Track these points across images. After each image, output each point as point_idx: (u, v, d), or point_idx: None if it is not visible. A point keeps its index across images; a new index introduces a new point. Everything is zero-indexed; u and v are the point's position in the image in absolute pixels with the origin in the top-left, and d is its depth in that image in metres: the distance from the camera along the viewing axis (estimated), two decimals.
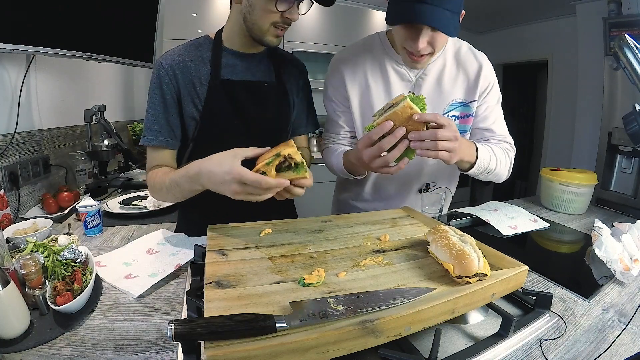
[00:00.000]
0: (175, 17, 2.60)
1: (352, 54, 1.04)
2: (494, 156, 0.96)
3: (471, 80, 1.00)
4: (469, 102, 1.01)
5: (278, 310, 0.52)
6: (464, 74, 1.00)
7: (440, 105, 1.01)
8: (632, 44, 0.84)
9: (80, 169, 1.64)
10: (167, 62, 0.88)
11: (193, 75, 0.90)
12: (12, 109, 1.28)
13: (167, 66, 0.88)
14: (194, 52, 0.92)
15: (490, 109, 1.03)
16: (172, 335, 0.42)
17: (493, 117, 1.05)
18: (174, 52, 0.91)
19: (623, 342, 0.61)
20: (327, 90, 1.09)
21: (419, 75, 1.01)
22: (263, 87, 0.98)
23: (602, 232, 0.92)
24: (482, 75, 0.99)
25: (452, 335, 0.61)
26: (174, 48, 0.92)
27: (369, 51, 1.02)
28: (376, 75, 1.01)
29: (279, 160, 0.68)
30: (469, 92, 1.00)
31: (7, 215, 1.09)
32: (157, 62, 0.90)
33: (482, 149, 0.93)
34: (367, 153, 0.79)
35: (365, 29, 3.23)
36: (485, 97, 1.02)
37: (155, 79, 0.89)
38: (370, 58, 1.01)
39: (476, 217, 1.19)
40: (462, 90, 1.01)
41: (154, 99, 0.89)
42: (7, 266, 0.68)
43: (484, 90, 1.01)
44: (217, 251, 0.70)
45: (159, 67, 0.89)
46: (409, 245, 0.76)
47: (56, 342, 0.60)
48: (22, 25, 1.15)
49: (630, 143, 1.27)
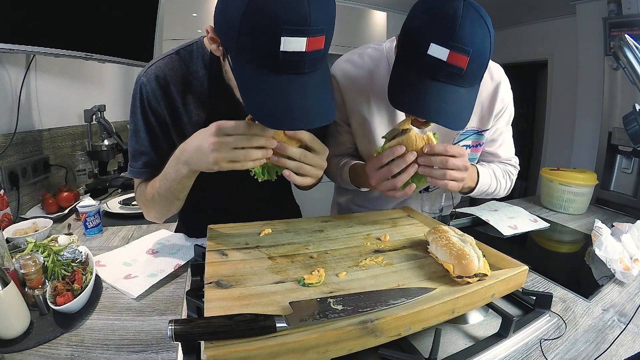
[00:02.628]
0: (175, 17, 2.60)
1: (355, 75, 0.91)
2: (494, 179, 0.93)
3: (485, 107, 0.91)
4: (482, 131, 0.93)
5: (278, 310, 0.52)
6: (478, 100, 0.84)
7: (451, 134, 0.93)
8: (632, 44, 0.84)
9: (80, 169, 1.64)
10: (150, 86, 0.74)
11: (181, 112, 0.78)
12: (12, 109, 1.27)
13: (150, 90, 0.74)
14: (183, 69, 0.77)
15: (499, 131, 0.97)
16: (172, 335, 0.43)
17: (500, 140, 0.99)
18: (158, 69, 0.76)
19: (623, 342, 0.61)
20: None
21: None
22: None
23: (602, 232, 0.92)
24: (498, 98, 0.91)
25: (452, 335, 0.61)
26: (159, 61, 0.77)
27: (374, 74, 0.89)
28: (380, 105, 0.90)
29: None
30: (482, 119, 0.93)
31: (7, 215, 1.09)
32: (138, 80, 0.75)
33: (483, 172, 0.89)
34: (376, 175, 0.76)
35: (365, 29, 3.23)
36: (497, 120, 0.95)
37: (137, 102, 0.75)
38: (376, 83, 0.89)
39: (476, 217, 1.19)
40: (475, 118, 0.92)
41: (136, 126, 0.77)
42: (7, 266, 0.68)
43: (497, 114, 0.93)
44: (217, 251, 0.70)
45: (141, 88, 0.74)
46: (409, 245, 0.76)
47: (56, 342, 0.60)
48: (22, 25, 1.15)
49: (630, 143, 1.27)
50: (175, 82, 0.75)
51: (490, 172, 0.93)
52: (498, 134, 0.97)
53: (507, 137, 0.99)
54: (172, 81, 0.75)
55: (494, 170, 0.95)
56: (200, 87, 0.76)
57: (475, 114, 0.91)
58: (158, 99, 0.75)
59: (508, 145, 1.01)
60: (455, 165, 0.71)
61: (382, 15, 3.25)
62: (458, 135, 0.93)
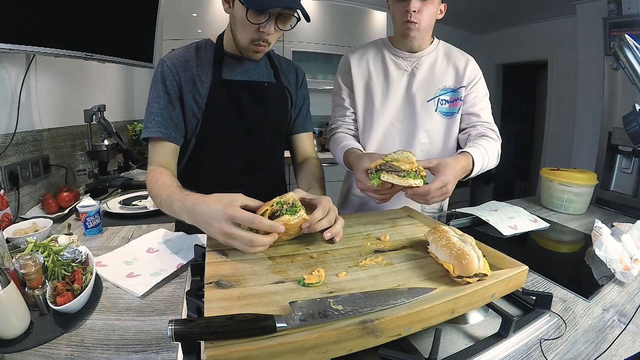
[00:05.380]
0: (175, 17, 2.60)
1: (359, 49, 1.21)
2: (486, 155, 1.00)
3: (460, 71, 1.13)
4: (457, 88, 1.14)
5: (278, 310, 0.52)
6: (453, 66, 1.14)
7: (432, 90, 1.14)
8: (632, 44, 0.84)
9: (80, 169, 1.64)
10: (171, 61, 0.91)
11: (194, 74, 0.92)
12: (12, 109, 1.28)
13: (170, 64, 0.91)
14: (196, 52, 0.95)
15: (478, 98, 1.14)
16: (172, 335, 0.43)
17: (481, 105, 1.14)
18: (176, 52, 0.95)
19: (623, 342, 0.61)
20: (337, 78, 1.24)
21: (414, 65, 1.14)
22: (263, 87, 0.99)
23: (602, 232, 0.92)
24: (469, 67, 1.13)
25: (452, 335, 0.61)
26: (177, 49, 0.96)
27: (373, 46, 1.19)
28: (377, 64, 1.16)
29: (273, 209, 0.67)
30: (457, 80, 1.14)
31: (7, 215, 1.09)
32: (160, 60, 0.93)
33: (476, 154, 0.96)
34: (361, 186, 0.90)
35: (365, 29, 3.23)
36: (473, 87, 1.14)
37: (159, 75, 0.91)
38: (373, 51, 1.18)
39: (476, 217, 1.19)
40: (451, 79, 1.14)
41: (158, 93, 0.90)
42: (7, 266, 0.68)
43: (471, 81, 1.14)
44: (217, 251, 0.70)
45: (162, 64, 0.91)
46: (409, 245, 0.76)
47: (56, 342, 0.60)
48: (22, 25, 1.15)
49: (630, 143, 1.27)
50: (192, 60, 0.93)
51: (481, 150, 0.99)
52: (478, 99, 1.14)
53: (486, 105, 1.16)
54: (189, 58, 0.94)
55: (483, 146, 1.01)
56: (208, 62, 0.95)
57: (451, 76, 1.13)
58: (178, 72, 0.91)
59: (488, 111, 1.16)
60: (434, 198, 0.83)
61: (382, 15, 3.25)
62: (438, 90, 1.13)
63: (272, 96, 1.01)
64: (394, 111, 1.15)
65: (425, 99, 1.13)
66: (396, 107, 1.15)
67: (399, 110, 1.15)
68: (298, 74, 1.11)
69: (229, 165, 1.01)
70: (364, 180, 0.87)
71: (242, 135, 0.98)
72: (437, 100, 1.13)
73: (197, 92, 0.92)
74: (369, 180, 0.85)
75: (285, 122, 1.09)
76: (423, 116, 1.13)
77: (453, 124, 1.15)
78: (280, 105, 1.04)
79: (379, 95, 1.15)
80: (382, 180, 0.81)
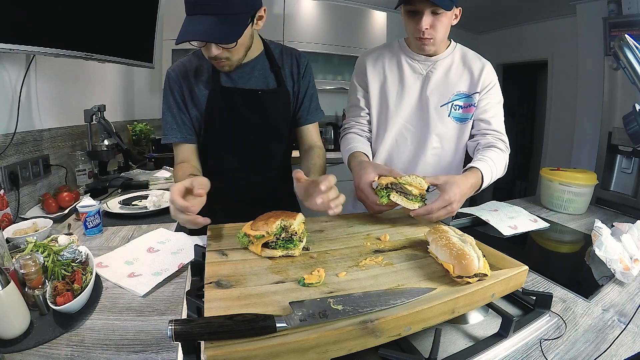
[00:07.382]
0: (175, 17, 2.59)
1: (375, 51, 1.21)
2: (494, 168, 1.00)
3: (475, 77, 1.11)
4: (471, 94, 1.12)
5: (278, 310, 0.52)
6: (468, 71, 1.12)
7: (446, 94, 1.12)
8: (632, 44, 0.84)
9: (80, 169, 1.64)
10: (175, 73, 1.01)
11: (193, 82, 1.00)
12: (12, 109, 1.27)
13: (175, 76, 1.01)
14: (196, 61, 1.02)
15: (490, 104, 1.12)
16: (172, 335, 0.42)
17: (492, 112, 1.13)
18: (179, 63, 1.03)
19: (623, 342, 0.61)
20: (352, 79, 1.24)
21: (429, 69, 1.12)
22: (257, 95, 1.03)
23: (602, 232, 0.92)
24: (484, 73, 1.11)
25: (452, 335, 0.61)
26: (181, 59, 1.05)
27: (389, 49, 1.19)
28: (392, 67, 1.16)
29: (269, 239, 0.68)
30: (471, 85, 1.12)
31: (7, 215, 1.09)
32: (167, 72, 1.03)
33: (484, 169, 0.96)
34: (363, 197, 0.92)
35: (365, 29, 3.23)
36: (486, 94, 1.12)
37: (167, 88, 1.02)
38: (389, 53, 1.18)
39: (476, 217, 1.19)
40: (466, 84, 1.12)
41: (168, 104, 1.02)
42: (7, 266, 0.69)
43: (485, 87, 1.12)
44: (217, 251, 0.70)
45: (168, 76, 1.01)
46: (409, 245, 0.76)
47: (56, 342, 0.60)
48: (22, 25, 1.15)
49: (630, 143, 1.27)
50: (191, 70, 1.01)
51: (489, 163, 0.99)
52: (490, 106, 1.13)
53: (498, 112, 1.14)
54: (190, 69, 1.01)
55: (492, 159, 1.01)
56: (207, 72, 1.01)
57: (466, 81, 1.12)
58: (180, 82, 1.00)
59: (500, 119, 1.15)
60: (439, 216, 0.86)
61: (382, 15, 3.24)
62: (452, 95, 1.12)
63: (268, 102, 1.04)
64: (407, 114, 1.15)
65: (439, 103, 1.12)
66: (409, 110, 1.15)
67: (412, 113, 1.15)
68: (300, 63, 1.10)
69: (227, 164, 1.09)
70: (367, 192, 0.89)
71: (238, 138, 1.05)
72: (451, 105, 1.12)
73: (197, 100, 1.01)
74: (372, 193, 0.88)
75: (285, 122, 1.10)
76: (435, 120, 1.12)
77: (465, 129, 1.14)
78: (277, 108, 1.07)
79: (394, 97, 1.14)
80: (390, 199, 0.84)
